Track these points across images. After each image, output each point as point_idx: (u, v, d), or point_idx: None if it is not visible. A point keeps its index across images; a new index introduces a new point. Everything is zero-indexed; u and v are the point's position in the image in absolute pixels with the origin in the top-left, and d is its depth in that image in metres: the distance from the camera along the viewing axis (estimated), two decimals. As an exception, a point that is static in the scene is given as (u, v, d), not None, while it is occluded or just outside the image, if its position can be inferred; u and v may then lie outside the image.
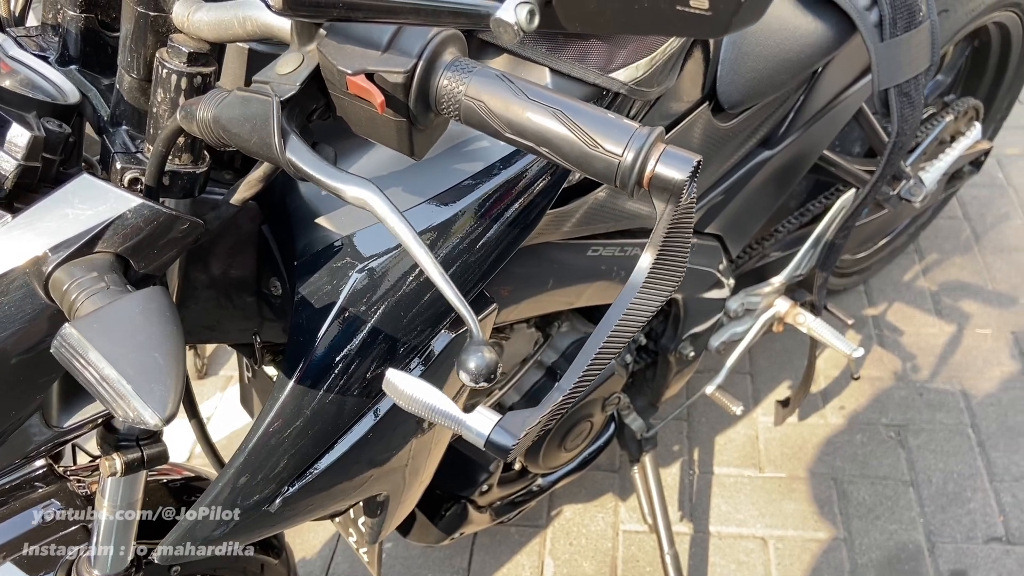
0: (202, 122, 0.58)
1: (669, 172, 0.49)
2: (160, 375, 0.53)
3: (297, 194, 0.79)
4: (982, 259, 2.05)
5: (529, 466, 1.29)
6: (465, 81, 0.53)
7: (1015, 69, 1.82)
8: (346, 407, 0.78)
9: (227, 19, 0.61)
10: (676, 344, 1.34)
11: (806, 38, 1.11)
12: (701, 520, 1.64)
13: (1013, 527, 1.55)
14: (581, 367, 0.51)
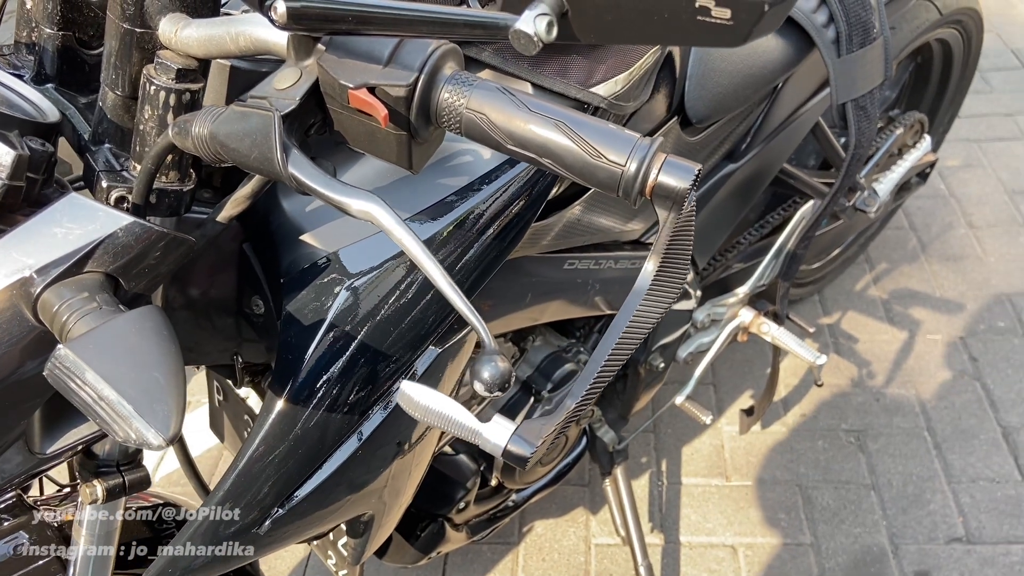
0: (198, 138, 0.57)
1: (671, 181, 0.51)
2: (162, 394, 0.52)
3: (281, 211, 0.78)
4: (929, 267, 2.12)
5: (505, 481, 1.28)
6: (466, 94, 0.54)
7: (956, 84, 1.89)
8: (335, 426, 0.77)
9: (218, 35, 0.60)
10: (646, 356, 1.36)
11: (768, 54, 1.14)
12: (671, 531, 1.66)
13: (972, 527, 1.60)
14: (591, 374, 0.52)
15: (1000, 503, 1.63)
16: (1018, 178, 2.33)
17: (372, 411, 0.81)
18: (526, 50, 0.44)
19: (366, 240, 0.77)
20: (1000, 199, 2.28)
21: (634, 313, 0.52)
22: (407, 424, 0.85)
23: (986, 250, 2.14)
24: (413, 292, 0.77)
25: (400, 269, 0.76)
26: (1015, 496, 1.63)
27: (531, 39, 0.43)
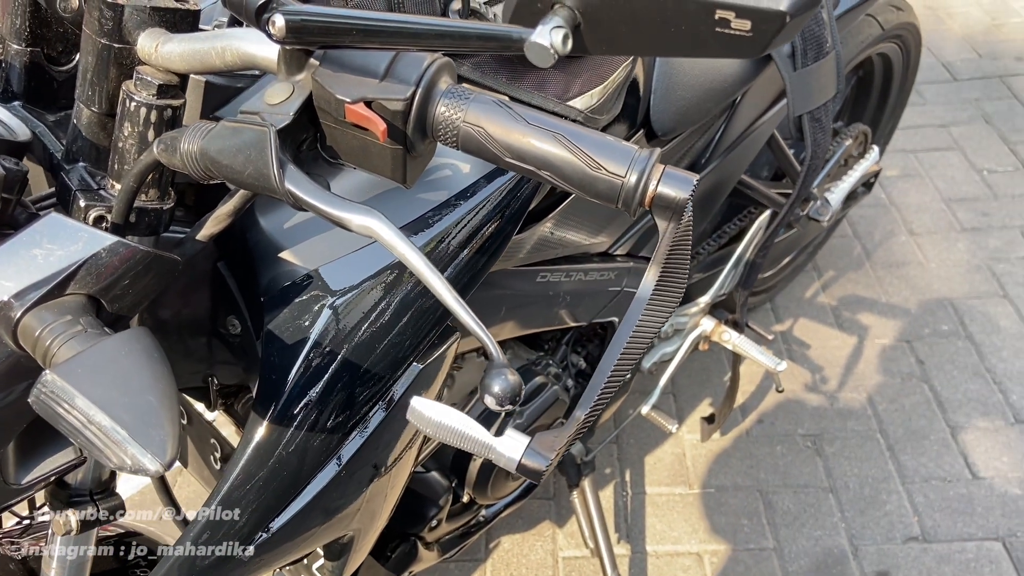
0: (187, 155, 0.56)
1: (671, 191, 0.51)
2: (156, 418, 0.51)
3: (258, 229, 0.77)
4: (874, 274, 2.19)
5: (477, 497, 1.27)
6: (463, 107, 0.54)
7: (896, 96, 1.96)
8: (316, 450, 0.76)
9: (203, 50, 0.59)
10: (612, 367, 1.37)
11: (728, 68, 1.17)
12: (638, 540, 1.66)
13: (928, 526, 1.64)
14: (599, 385, 0.52)
15: (953, 501, 1.68)
16: (953, 187, 2.42)
17: (351, 435, 0.80)
18: (542, 63, 0.44)
19: (347, 257, 0.76)
20: (938, 207, 2.36)
21: (637, 322, 0.53)
22: (384, 446, 0.84)
23: (927, 256, 2.22)
24: (396, 308, 0.76)
25: (382, 285, 0.76)
26: (966, 494, 1.69)
27: (548, 51, 0.43)
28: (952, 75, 2.86)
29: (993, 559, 1.58)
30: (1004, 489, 1.69)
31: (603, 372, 0.52)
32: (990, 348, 1.97)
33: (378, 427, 0.81)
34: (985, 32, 3.05)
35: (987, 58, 2.93)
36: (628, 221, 1.17)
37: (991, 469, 1.73)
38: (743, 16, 0.39)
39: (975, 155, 2.53)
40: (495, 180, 0.80)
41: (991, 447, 1.77)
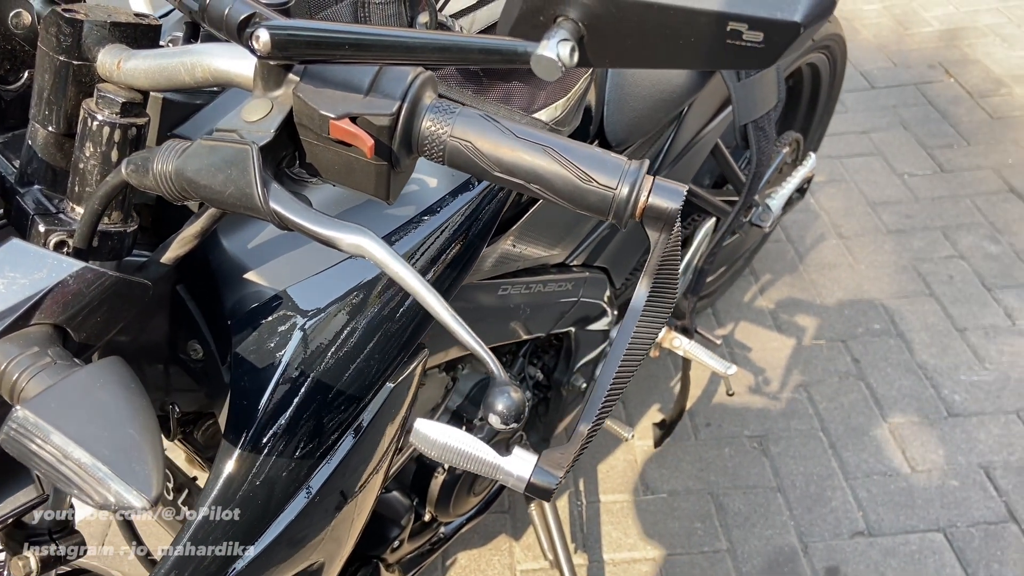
0: (161, 175, 0.53)
1: (662, 202, 0.52)
2: (139, 452, 0.48)
3: (220, 250, 0.74)
4: (807, 277, 2.25)
5: (439, 515, 1.26)
6: (449, 121, 0.53)
7: (824, 105, 2.03)
8: (291, 474, 0.73)
9: (170, 66, 0.57)
10: (568, 377, 1.37)
11: (676, 79, 1.19)
12: (594, 549, 1.67)
13: (872, 520, 1.69)
14: (600, 399, 0.52)
15: (894, 495, 1.73)
16: (877, 190, 2.52)
17: (322, 461, 0.77)
18: (549, 76, 0.43)
19: (315, 277, 0.74)
20: (864, 210, 2.45)
21: (632, 335, 0.53)
22: (353, 471, 0.82)
23: (856, 258, 2.30)
24: (366, 327, 0.75)
25: (352, 305, 0.74)
26: (907, 488, 1.74)
27: (555, 64, 0.42)
28: (870, 83, 2.98)
29: (936, 550, 1.63)
30: (942, 481, 1.75)
31: (603, 385, 0.52)
32: (920, 345, 2.05)
33: (348, 452, 0.79)
34: (898, 41, 3.19)
35: (901, 66, 3.06)
36: (584, 233, 1.18)
37: (928, 462, 1.79)
38: (756, 27, 0.39)
39: (895, 160, 2.63)
40: (463, 195, 0.79)
41: (927, 441, 1.83)
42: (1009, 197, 2.45)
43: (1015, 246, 2.29)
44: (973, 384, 1.95)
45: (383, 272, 0.75)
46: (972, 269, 2.24)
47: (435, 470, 1.19)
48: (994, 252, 2.28)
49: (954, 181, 2.53)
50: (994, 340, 2.04)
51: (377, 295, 0.75)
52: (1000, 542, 1.63)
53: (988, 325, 2.08)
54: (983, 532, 1.65)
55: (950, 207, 2.44)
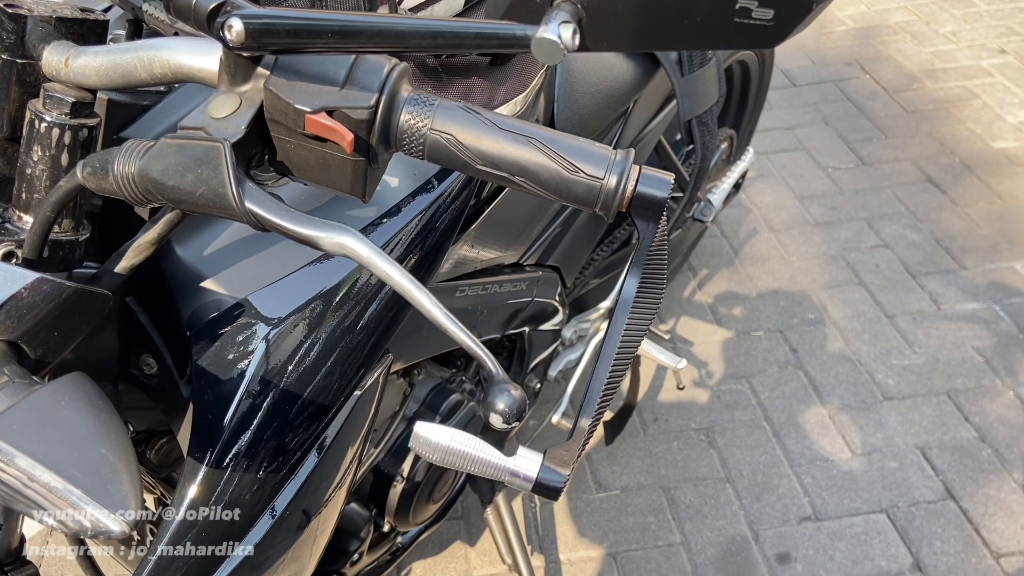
0: (122, 178, 0.50)
1: (650, 192, 0.51)
2: (113, 472, 0.45)
3: (173, 258, 0.71)
4: (743, 270, 2.30)
5: (399, 524, 1.23)
6: (429, 114, 0.51)
7: (754, 102, 2.07)
8: (259, 491, 0.70)
9: (125, 62, 0.54)
10: (523, 377, 1.36)
11: (622, 76, 1.19)
12: (551, 550, 1.66)
13: (818, 505, 1.73)
14: (598, 393, 0.51)
15: (837, 479, 1.78)
16: (803, 184, 2.59)
17: (289, 477, 0.74)
18: (551, 59, 0.42)
19: (278, 283, 0.71)
20: (792, 204, 2.51)
21: (625, 327, 0.52)
22: (317, 488, 0.79)
23: (788, 251, 2.35)
24: (332, 334, 0.72)
25: (317, 311, 0.71)
26: (849, 472, 1.79)
27: (558, 47, 0.41)
28: (792, 81, 3.06)
29: (880, 531, 1.68)
30: (882, 463, 1.81)
31: (600, 379, 0.51)
32: (853, 332, 2.11)
33: (314, 467, 0.76)
34: (816, 40, 3.29)
35: (820, 64, 3.15)
36: (536, 232, 1.17)
37: (868, 445, 1.84)
38: (766, 4, 0.39)
39: (819, 154, 2.71)
40: (426, 194, 0.77)
41: (865, 425, 1.89)
42: (927, 187, 2.55)
43: (935, 233, 2.39)
44: (905, 368, 2.01)
45: (348, 276, 0.73)
46: (897, 257, 2.32)
47: (393, 479, 1.16)
48: (916, 240, 2.37)
49: (875, 173, 2.62)
50: (921, 325, 2.12)
51: (343, 300, 0.72)
52: (940, 519, 1.69)
53: (915, 310, 2.16)
54: (923, 511, 1.71)
55: (873, 198, 2.52)
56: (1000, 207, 2.46)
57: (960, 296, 2.19)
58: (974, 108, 2.87)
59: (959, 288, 2.21)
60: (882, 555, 1.64)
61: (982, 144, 2.71)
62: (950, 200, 2.50)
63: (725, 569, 1.63)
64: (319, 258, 0.72)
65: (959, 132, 2.77)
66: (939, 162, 2.64)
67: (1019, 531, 1.66)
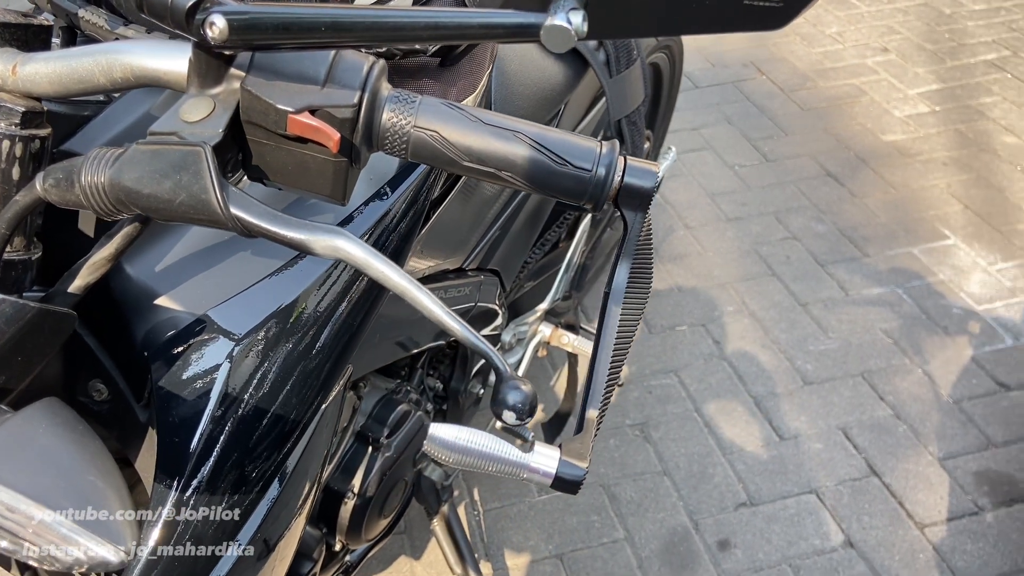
0: (91, 188, 0.47)
1: (637, 183, 0.51)
2: (104, 500, 0.42)
3: (122, 276, 0.67)
4: (663, 267, 2.35)
5: (351, 542, 1.20)
6: (412, 112, 0.50)
7: (666, 103, 2.13)
8: (228, 518, 0.67)
9: (81, 68, 0.50)
10: (466, 384, 1.35)
11: (555, 77, 1.20)
12: (497, 556, 1.65)
13: (752, 490, 1.78)
14: (602, 383, 0.51)
15: (768, 464, 1.84)
16: (713, 182, 2.67)
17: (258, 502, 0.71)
18: (560, 46, 0.41)
19: (238, 297, 0.68)
20: (704, 201, 2.59)
21: (620, 315, 0.52)
22: (279, 515, 0.76)
23: (704, 247, 2.42)
24: (299, 346, 0.70)
25: (282, 323, 0.69)
26: (778, 456, 1.85)
27: (568, 34, 0.40)
28: (694, 83, 3.16)
29: (811, 510, 1.74)
30: (807, 446, 1.88)
31: (601, 370, 0.51)
32: (771, 322, 2.19)
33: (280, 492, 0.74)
34: (713, 44, 3.40)
35: (719, 66, 3.26)
36: (478, 236, 1.16)
37: (793, 429, 1.91)
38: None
39: (725, 153, 2.80)
40: (383, 200, 0.76)
41: (789, 410, 1.96)
42: (827, 180, 2.67)
43: (838, 224, 2.50)
44: (821, 353, 2.10)
45: (311, 286, 0.71)
46: (805, 248, 2.42)
47: (344, 496, 1.13)
48: (821, 231, 2.48)
49: (778, 169, 2.72)
50: (833, 311, 2.22)
51: (307, 311, 0.70)
52: (866, 495, 1.77)
53: (826, 298, 2.25)
54: (850, 488, 1.78)
55: (778, 193, 2.62)
56: (895, 196, 2.60)
57: (865, 282, 2.30)
58: (863, 104, 3.03)
59: (864, 275, 2.32)
60: (815, 534, 1.70)
61: (873, 138, 2.86)
62: (849, 192, 2.62)
63: (669, 560, 1.66)
64: (279, 269, 0.69)
65: (852, 127, 2.91)
66: (836, 156, 2.77)
67: (939, 501, 1.75)
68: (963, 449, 1.86)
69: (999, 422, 1.91)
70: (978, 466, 1.82)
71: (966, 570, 1.63)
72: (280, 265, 0.69)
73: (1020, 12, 3.57)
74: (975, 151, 2.78)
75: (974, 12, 3.59)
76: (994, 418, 1.92)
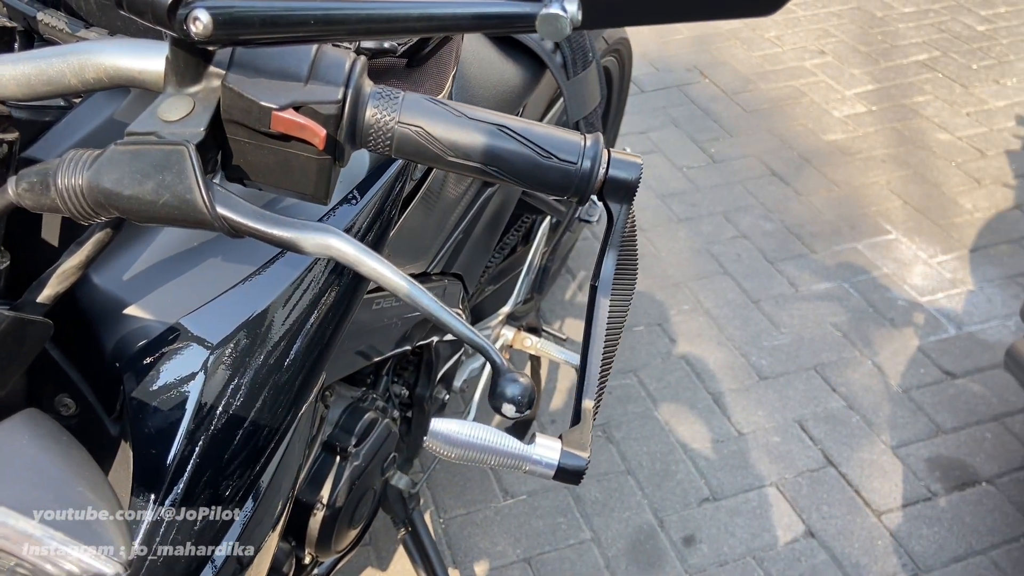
0: (68, 191, 0.45)
1: (622, 175, 0.52)
2: (95, 510, 0.41)
3: (88, 286, 0.65)
4: (618, 269, 2.37)
5: (320, 554, 1.18)
6: (395, 108, 0.50)
7: (616, 106, 2.15)
8: (215, 523, 0.65)
9: (52, 69, 0.49)
10: (431, 390, 1.34)
11: (513, 79, 1.20)
12: (465, 563, 1.64)
13: (714, 485, 1.81)
14: (595, 373, 0.51)
15: (728, 459, 1.86)
16: (663, 184, 2.70)
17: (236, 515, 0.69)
18: (557, 35, 0.41)
19: (212, 303, 0.66)
20: (656, 203, 2.62)
21: (610, 304, 0.52)
22: (255, 529, 0.75)
23: (658, 248, 2.45)
24: (276, 351, 0.68)
25: (258, 329, 0.67)
26: (738, 450, 1.88)
27: (564, 21, 0.40)
28: (640, 88, 3.20)
29: (772, 503, 1.77)
30: (765, 439, 1.91)
31: (594, 361, 0.51)
32: (725, 319, 2.22)
33: (257, 504, 0.72)
34: (657, 49, 3.45)
35: (664, 71, 3.31)
36: (442, 240, 1.16)
37: (751, 424, 1.94)
38: (771, -30, 0.40)
39: (674, 155, 2.84)
40: (360, 199, 0.75)
41: (747, 405, 1.99)
42: (773, 180, 2.73)
43: (785, 222, 2.55)
44: (775, 348, 2.14)
45: (286, 291, 0.70)
46: (755, 246, 2.46)
47: (313, 507, 1.12)
48: (770, 229, 2.53)
49: (726, 170, 2.77)
50: (784, 307, 2.26)
51: (283, 316, 0.69)
52: (824, 486, 1.81)
53: (777, 294, 2.30)
54: (808, 479, 1.82)
55: (726, 193, 2.67)
56: (838, 194, 2.67)
57: (814, 278, 2.35)
58: (804, 105, 3.10)
59: (812, 271, 2.38)
60: (777, 525, 1.73)
61: (815, 138, 2.93)
62: (794, 191, 2.68)
63: (636, 559, 1.67)
64: (252, 274, 0.68)
65: (794, 128, 2.98)
66: (780, 156, 2.84)
67: (894, 488, 1.80)
68: (914, 437, 1.91)
69: (947, 409, 1.97)
70: (929, 452, 1.88)
71: (923, 554, 1.68)
72: (253, 270, 0.68)
73: (948, 14, 3.71)
74: (911, 148, 2.87)
75: (904, 15, 3.71)
76: (942, 406, 1.98)
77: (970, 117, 3.02)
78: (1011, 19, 3.67)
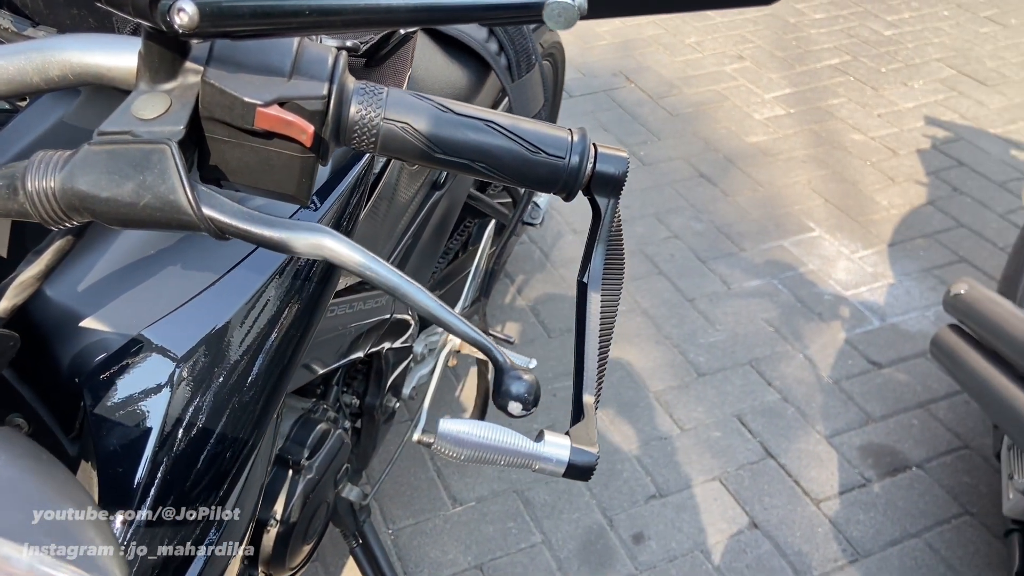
0: (40, 195, 0.43)
1: (609, 169, 0.52)
2: (88, 536, 0.39)
3: (41, 299, 0.61)
4: (556, 272, 2.38)
5: (274, 571, 1.14)
6: (380, 104, 0.49)
7: (550, 110, 2.16)
8: (183, 542, 0.62)
9: (13, 67, 0.46)
10: (381, 398, 1.32)
11: (459, 81, 1.19)
12: (416, 573, 1.62)
13: (660, 482, 1.83)
14: (593, 368, 0.51)
15: (672, 456, 1.89)
16: (595, 187, 2.73)
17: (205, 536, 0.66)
18: (564, 25, 0.41)
19: (175, 313, 0.63)
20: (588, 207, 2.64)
21: (601, 299, 0.52)
22: (219, 558, 0.72)
23: (592, 250, 2.47)
24: (244, 360, 0.66)
25: (225, 338, 0.65)
26: (681, 447, 1.91)
27: (573, 10, 0.40)
28: (568, 93, 3.23)
29: (716, 496, 1.81)
30: (707, 434, 1.94)
31: (591, 356, 0.51)
32: (662, 318, 2.26)
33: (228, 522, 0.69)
34: (582, 55, 3.49)
35: (589, 76, 3.35)
36: (391, 247, 1.14)
37: (693, 420, 1.98)
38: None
39: (603, 158, 2.88)
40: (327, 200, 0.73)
41: (687, 401, 2.02)
42: (701, 181, 2.79)
43: (714, 222, 2.61)
44: (711, 345, 2.18)
45: (252, 297, 0.67)
46: (687, 246, 2.51)
47: (267, 524, 1.08)
48: (700, 229, 2.58)
49: (655, 172, 2.82)
50: (718, 304, 2.31)
51: (250, 325, 0.66)
52: (765, 477, 1.85)
53: (710, 292, 2.35)
54: (750, 472, 1.86)
55: (657, 195, 2.72)
56: (763, 194, 2.75)
57: (744, 275, 2.41)
58: (726, 108, 3.19)
59: (742, 268, 2.44)
60: (722, 518, 1.76)
61: (738, 140, 3.01)
62: (721, 191, 2.75)
63: (587, 559, 1.68)
64: (215, 282, 0.65)
65: (718, 131, 3.05)
66: (706, 158, 2.90)
67: (830, 477, 1.86)
68: (846, 426, 1.98)
69: (875, 398, 2.05)
70: (861, 441, 1.94)
71: (861, 539, 1.73)
72: (217, 277, 0.65)
73: (856, 20, 3.87)
74: (829, 149, 2.98)
75: (816, 20, 3.85)
76: (871, 395, 2.06)
77: (881, 118, 3.16)
78: (915, 24, 3.85)
